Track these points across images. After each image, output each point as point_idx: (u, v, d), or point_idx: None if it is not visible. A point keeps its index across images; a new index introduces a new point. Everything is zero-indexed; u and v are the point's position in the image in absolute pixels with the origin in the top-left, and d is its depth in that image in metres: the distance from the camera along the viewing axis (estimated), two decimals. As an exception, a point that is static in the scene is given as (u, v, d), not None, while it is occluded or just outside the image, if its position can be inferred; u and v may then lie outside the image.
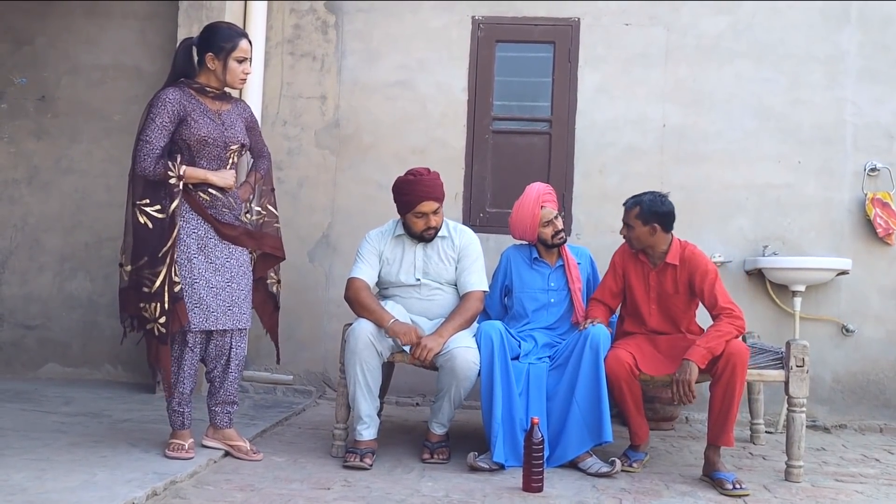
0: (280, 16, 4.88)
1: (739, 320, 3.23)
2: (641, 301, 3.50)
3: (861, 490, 3.16)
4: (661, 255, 3.44)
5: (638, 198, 3.43)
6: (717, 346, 3.14)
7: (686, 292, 3.43)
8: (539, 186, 3.71)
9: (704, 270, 3.35)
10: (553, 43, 4.71)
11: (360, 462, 3.17)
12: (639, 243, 3.43)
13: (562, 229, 3.66)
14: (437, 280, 3.52)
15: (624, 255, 3.57)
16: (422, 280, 3.51)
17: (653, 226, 3.38)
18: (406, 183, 3.46)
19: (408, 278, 3.52)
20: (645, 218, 3.37)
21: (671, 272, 3.43)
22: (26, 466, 2.82)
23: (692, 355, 3.13)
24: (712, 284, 3.32)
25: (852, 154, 4.57)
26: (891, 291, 4.52)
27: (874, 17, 4.59)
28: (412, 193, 3.42)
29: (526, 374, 3.33)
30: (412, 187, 3.43)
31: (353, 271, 3.51)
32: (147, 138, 3.02)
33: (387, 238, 3.59)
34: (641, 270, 3.50)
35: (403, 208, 3.47)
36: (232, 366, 3.20)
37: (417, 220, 3.46)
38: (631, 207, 3.42)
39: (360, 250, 3.57)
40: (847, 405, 4.51)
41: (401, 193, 3.47)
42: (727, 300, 3.29)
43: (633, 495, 2.96)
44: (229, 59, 3.11)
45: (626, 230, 3.45)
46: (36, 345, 4.92)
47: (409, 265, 3.53)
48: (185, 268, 3.06)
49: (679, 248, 3.43)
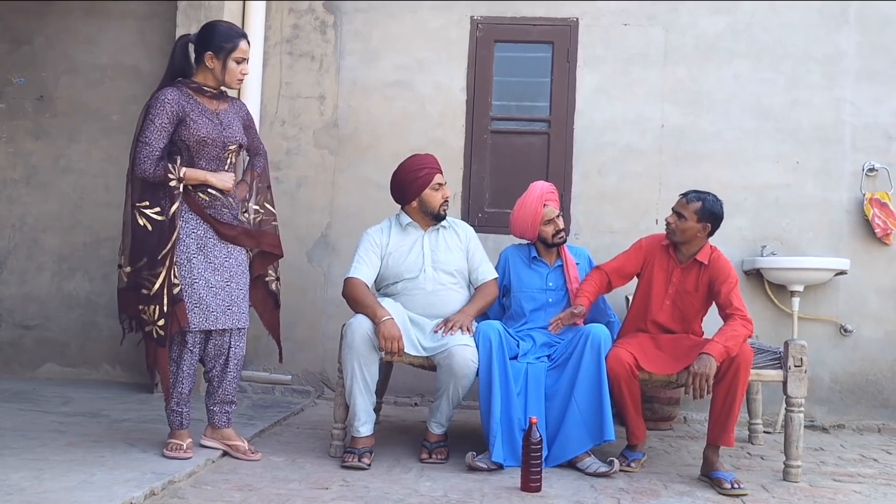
0: (279, 16, 4.88)
1: (750, 324, 3.25)
2: (657, 294, 3.49)
3: (859, 490, 3.16)
4: (692, 253, 3.45)
5: (701, 194, 3.43)
6: (733, 347, 3.15)
7: (704, 293, 3.45)
8: (543, 185, 3.72)
9: (728, 275, 3.39)
10: (552, 43, 4.71)
11: (359, 462, 3.17)
12: (682, 236, 3.42)
13: (563, 229, 3.67)
14: (445, 269, 3.52)
15: (654, 244, 3.55)
16: (429, 271, 3.50)
17: (705, 225, 3.40)
18: (415, 159, 3.58)
19: (413, 270, 3.50)
20: (702, 215, 3.38)
21: (696, 272, 3.44)
22: (24, 466, 2.81)
23: (711, 350, 3.13)
24: (731, 288, 3.35)
25: (851, 154, 4.57)
26: (889, 291, 4.52)
27: (873, 17, 4.60)
28: (426, 167, 3.52)
29: (524, 374, 3.33)
30: (424, 161, 3.55)
31: (351, 271, 3.49)
32: (146, 140, 3.01)
33: (390, 231, 3.59)
34: (667, 264, 3.50)
35: (421, 185, 3.50)
36: (230, 365, 3.20)
37: (435, 192, 3.52)
38: (693, 200, 3.40)
39: (359, 249, 3.56)
40: (845, 405, 4.51)
41: (417, 169, 3.52)
42: (741, 304, 3.33)
43: (632, 495, 2.97)
44: (228, 59, 3.10)
45: (674, 219, 3.43)
46: (34, 345, 4.91)
47: (416, 255, 3.53)
48: (184, 268, 3.06)
49: (709, 250, 3.45)
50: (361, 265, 3.51)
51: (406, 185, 3.53)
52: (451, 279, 3.55)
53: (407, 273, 3.52)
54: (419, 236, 3.57)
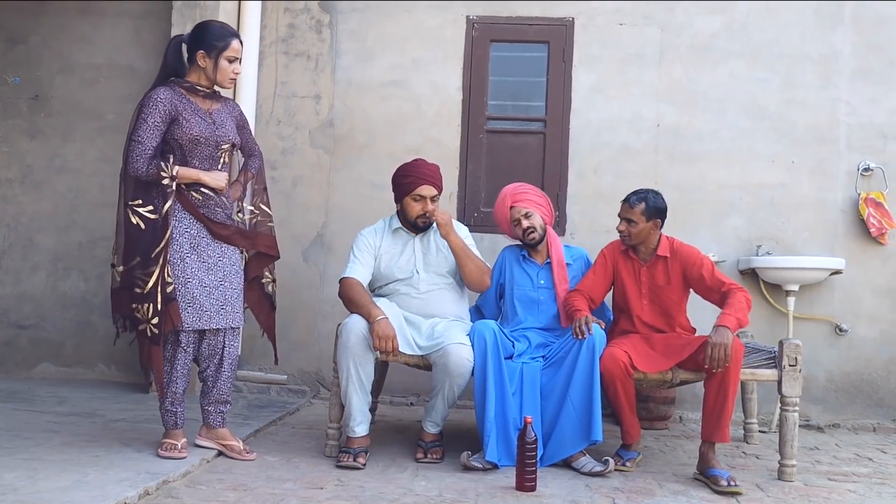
0: (274, 15, 4.87)
1: (747, 293, 3.32)
2: (633, 297, 3.54)
3: (853, 489, 3.17)
4: (651, 250, 3.51)
5: (642, 194, 3.48)
6: (744, 319, 3.22)
7: (679, 283, 3.50)
8: (511, 187, 3.79)
9: (697, 259, 3.46)
10: (547, 43, 4.71)
11: (354, 462, 3.17)
12: (638, 239, 3.49)
13: (531, 227, 3.65)
14: (437, 272, 3.54)
15: (614, 252, 3.61)
16: (421, 273, 3.51)
17: (655, 221, 3.46)
18: (409, 165, 3.56)
19: (406, 272, 3.52)
20: (649, 213, 3.44)
21: (662, 265, 3.50)
22: (18, 466, 2.81)
23: (724, 321, 3.17)
24: (711, 270, 3.43)
25: (846, 154, 4.58)
26: (884, 291, 4.53)
27: (868, 16, 4.61)
28: (414, 175, 3.49)
29: (520, 374, 3.33)
30: (414, 169, 3.52)
31: (347, 270, 3.49)
32: (139, 139, 3.01)
33: (383, 233, 3.61)
34: (632, 267, 3.55)
35: (403, 191, 3.51)
36: (225, 365, 3.20)
37: (415, 203, 3.49)
38: (636, 203, 3.45)
39: (354, 249, 3.57)
40: (840, 404, 4.52)
41: (402, 176, 3.53)
42: (729, 279, 3.40)
43: (627, 494, 2.97)
44: (220, 57, 3.11)
45: (626, 226, 3.48)
46: (29, 344, 4.91)
47: (407, 258, 3.55)
48: (177, 267, 3.05)
49: (667, 242, 3.52)
50: (357, 265, 3.51)
51: (394, 187, 3.58)
52: (444, 280, 3.57)
53: (399, 274, 3.53)
54: (410, 239, 3.59)
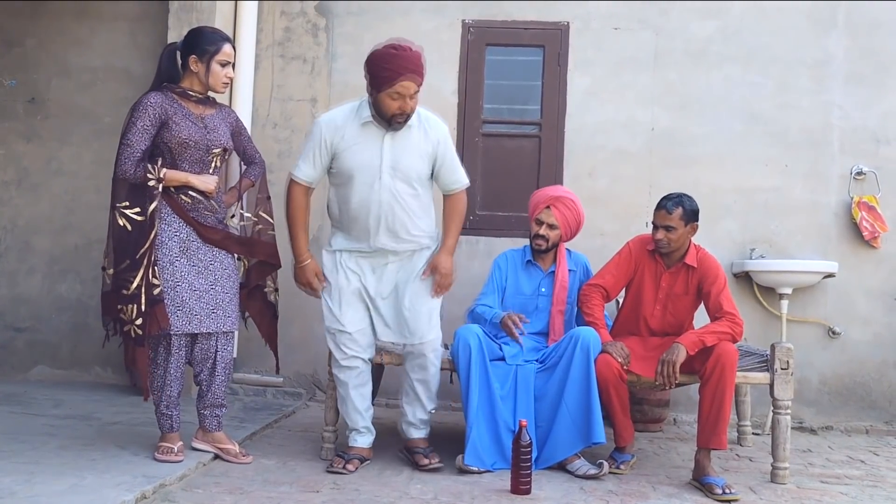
0: (270, 18, 4.88)
1: (739, 326, 3.24)
2: (647, 301, 3.48)
3: (846, 492, 3.19)
4: (679, 257, 3.43)
5: (676, 199, 3.35)
6: (709, 339, 3.17)
7: (694, 293, 3.45)
8: (565, 191, 3.75)
9: (716, 274, 3.37)
10: (543, 47, 4.73)
11: (343, 469, 3.17)
12: (678, 245, 3.38)
13: (545, 237, 3.60)
14: (405, 179, 3.17)
15: (641, 248, 3.50)
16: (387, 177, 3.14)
17: (693, 225, 3.37)
18: (387, 56, 3.04)
19: (367, 174, 3.15)
20: (688, 217, 3.34)
21: (684, 274, 3.43)
22: (15, 470, 2.81)
23: (683, 340, 3.17)
24: (720, 289, 3.33)
25: (839, 158, 4.60)
26: (877, 294, 4.55)
27: (861, 21, 4.63)
28: (392, 69, 3.01)
29: (514, 376, 3.35)
30: (394, 61, 3.02)
31: (297, 168, 3.25)
32: (128, 142, 3.03)
33: (347, 123, 3.18)
34: (654, 270, 3.48)
35: (379, 85, 3.05)
36: (218, 369, 3.20)
37: (392, 101, 3.05)
38: (674, 208, 3.32)
39: (308, 142, 3.24)
40: (833, 407, 4.54)
41: (378, 67, 3.04)
42: (731, 306, 3.30)
43: (621, 497, 2.98)
44: (212, 62, 3.12)
45: (664, 234, 3.34)
46: (25, 347, 4.91)
47: (373, 155, 3.15)
48: (167, 271, 3.06)
49: (695, 251, 3.43)
50: (307, 165, 3.23)
51: (370, 77, 3.10)
52: (409, 190, 3.19)
53: (360, 176, 3.16)
54: (381, 134, 3.17)
